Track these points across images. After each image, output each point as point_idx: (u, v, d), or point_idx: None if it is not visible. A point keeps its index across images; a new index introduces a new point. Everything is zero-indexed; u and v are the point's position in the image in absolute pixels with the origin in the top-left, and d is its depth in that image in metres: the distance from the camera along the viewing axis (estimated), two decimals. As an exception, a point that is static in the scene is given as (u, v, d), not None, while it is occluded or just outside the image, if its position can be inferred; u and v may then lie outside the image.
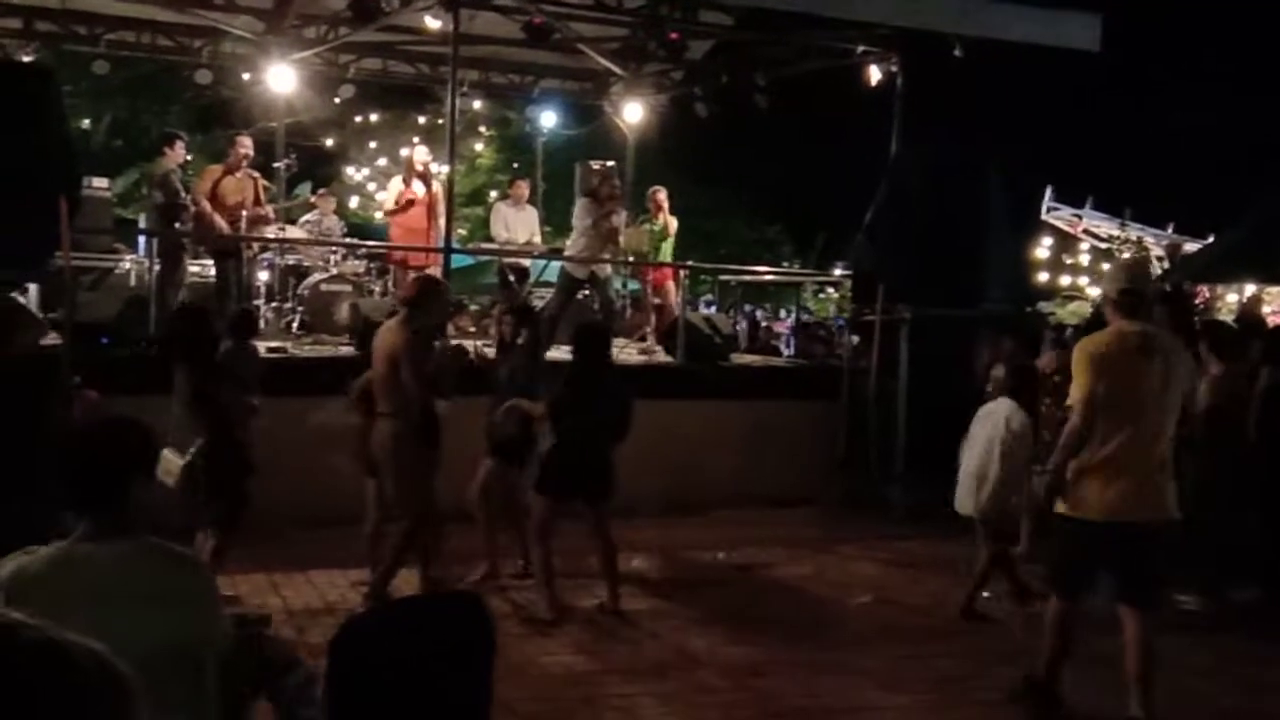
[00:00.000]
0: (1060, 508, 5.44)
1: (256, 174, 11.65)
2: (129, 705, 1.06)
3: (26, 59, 13.23)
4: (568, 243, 12.63)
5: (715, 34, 13.85)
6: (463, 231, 20.65)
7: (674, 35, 12.70)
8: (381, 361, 6.83)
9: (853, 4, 10.57)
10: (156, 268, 10.45)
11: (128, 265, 11.74)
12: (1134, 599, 5.35)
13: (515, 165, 23.87)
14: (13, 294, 9.01)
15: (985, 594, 7.40)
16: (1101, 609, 5.61)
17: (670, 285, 13.11)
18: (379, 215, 22.02)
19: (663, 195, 13.14)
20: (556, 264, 12.78)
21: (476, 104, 18.29)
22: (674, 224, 13.07)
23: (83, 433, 3.03)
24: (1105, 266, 22.08)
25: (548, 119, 17.92)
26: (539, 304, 12.33)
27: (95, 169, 14.40)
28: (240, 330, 7.75)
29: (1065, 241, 23.76)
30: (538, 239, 13.06)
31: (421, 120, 23.98)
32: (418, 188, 12.15)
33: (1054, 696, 5.68)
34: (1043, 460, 6.37)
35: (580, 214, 12.15)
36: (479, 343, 9.88)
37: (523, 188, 13.20)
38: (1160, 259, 21.44)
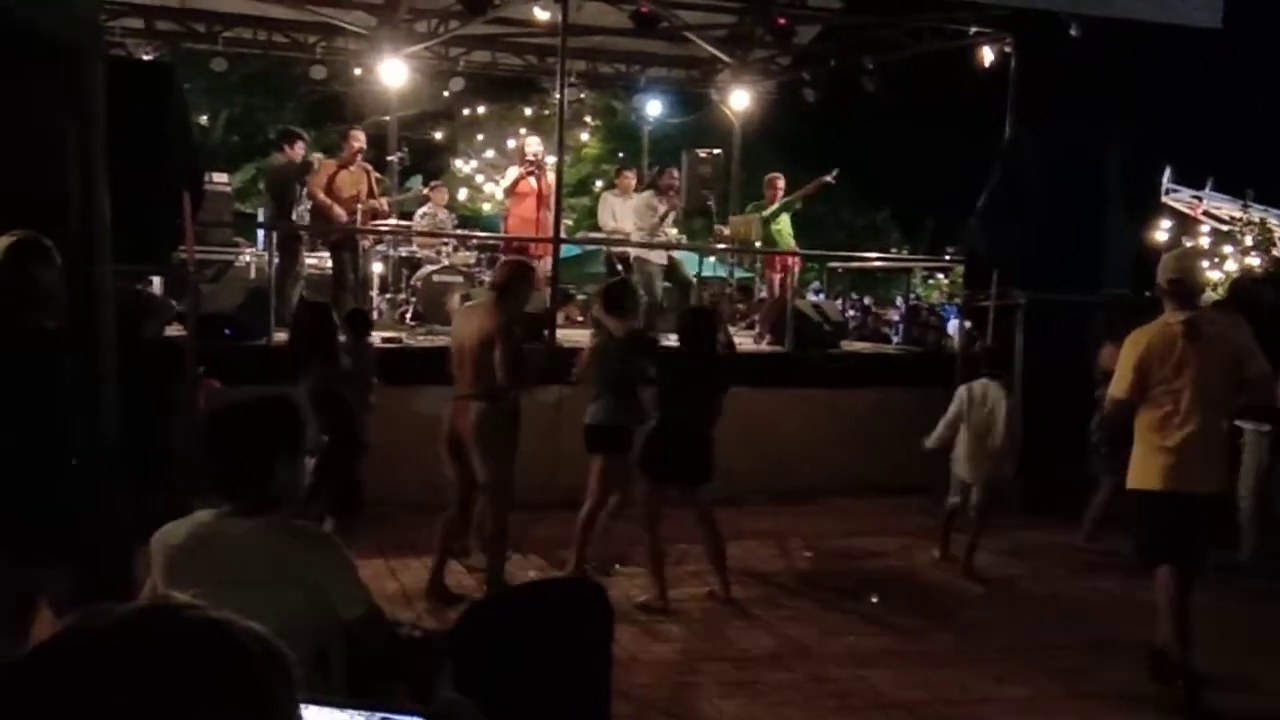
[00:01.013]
0: (1130, 483, 5.86)
1: (369, 167, 11.85)
2: (290, 684, 1.08)
3: (147, 57, 13.60)
4: (632, 230, 12.37)
5: (823, 18, 13.73)
6: (569, 221, 20.77)
7: (782, 21, 12.62)
8: (472, 344, 6.72)
9: (965, -15, 10.40)
10: (275, 261, 10.68)
11: (248, 258, 12.01)
12: (1189, 562, 5.73)
13: (621, 155, 23.92)
14: (138, 286, 9.32)
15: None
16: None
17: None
18: (487, 207, 22.34)
19: (781, 182, 12.99)
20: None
21: (583, 94, 18.36)
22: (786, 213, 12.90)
23: (228, 411, 2.98)
24: (1227, 249, 21.45)
25: (654, 108, 17.94)
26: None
27: (213, 164, 14.79)
28: (355, 327, 7.85)
29: (1185, 224, 23.07)
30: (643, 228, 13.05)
31: (528, 111, 24.16)
32: (531, 180, 12.24)
33: (1189, 671, 5.67)
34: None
35: (647, 206, 12.12)
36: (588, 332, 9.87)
37: (629, 178, 13.18)
38: (1284, 241, 20.75)
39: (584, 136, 25.63)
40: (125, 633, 1.04)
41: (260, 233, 12.63)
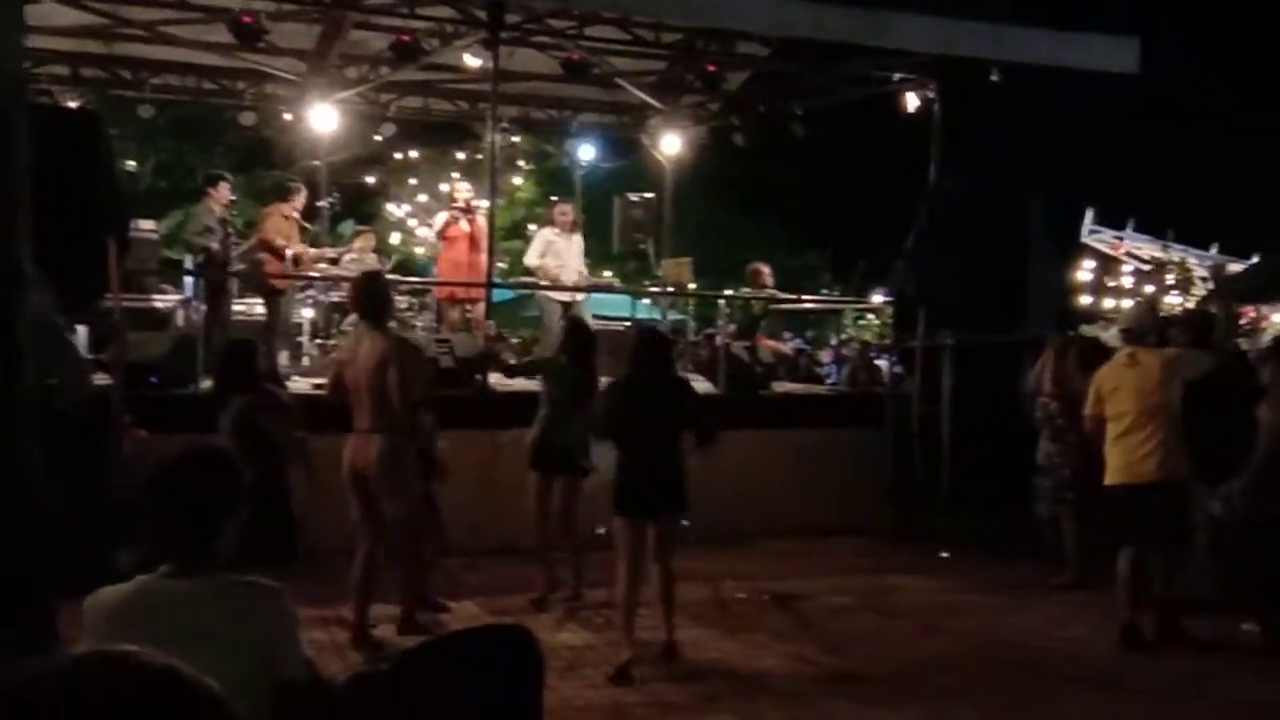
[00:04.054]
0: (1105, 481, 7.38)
1: (295, 214, 11.89)
2: None
3: (73, 104, 13.45)
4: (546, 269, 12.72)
5: (752, 65, 13.91)
6: (503, 265, 20.80)
7: (711, 67, 12.76)
8: (369, 374, 6.54)
9: (889, 32, 10.56)
10: (203, 307, 10.58)
11: (174, 305, 11.88)
12: (1153, 542, 7.22)
13: (554, 198, 24.01)
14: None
15: None
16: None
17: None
18: (420, 250, 22.28)
19: (767, 269, 13.37)
20: (595, 295, 12.86)
21: (515, 139, 18.43)
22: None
23: (169, 469, 2.91)
24: (1147, 289, 21.93)
25: (586, 152, 18.02)
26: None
27: (141, 210, 14.63)
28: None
29: (1107, 264, 23.59)
30: (583, 270, 13.12)
31: (461, 156, 24.16)
32: (462, 224, 12.28)
33: (1139, 632, 7.13)
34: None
35: (541, 240, 12.56)
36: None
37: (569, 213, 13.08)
38: (1204, 280, 21.27)
39: (517, 180, 25.70)
40: (80, 679, 1.01)
41: (188, 279, 12.50)
